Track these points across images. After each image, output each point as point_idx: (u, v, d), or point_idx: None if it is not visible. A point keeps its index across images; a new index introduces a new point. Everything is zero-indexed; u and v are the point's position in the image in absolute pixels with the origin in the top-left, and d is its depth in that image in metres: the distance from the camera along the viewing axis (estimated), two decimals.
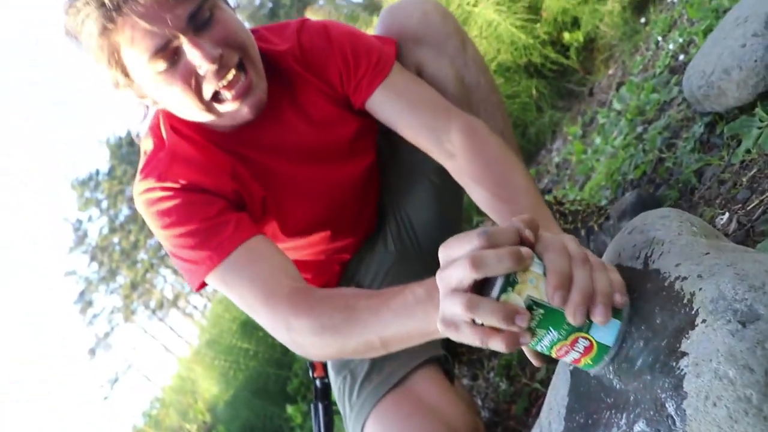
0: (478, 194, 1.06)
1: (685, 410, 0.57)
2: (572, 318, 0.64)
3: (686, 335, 0.60)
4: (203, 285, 1.11)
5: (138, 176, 1.17)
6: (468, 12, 2.76)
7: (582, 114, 2.65)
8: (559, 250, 0.67)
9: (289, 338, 1.01)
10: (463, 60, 1.31)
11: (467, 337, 0.67)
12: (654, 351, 0.63)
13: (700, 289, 0.62)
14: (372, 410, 1.15)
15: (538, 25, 2.78)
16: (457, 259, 0.66)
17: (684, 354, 0.59)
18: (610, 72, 2.66)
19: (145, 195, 1.13)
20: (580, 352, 0.67)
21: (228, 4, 1.11)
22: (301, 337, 0.99)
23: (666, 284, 0.68)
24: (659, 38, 2.21)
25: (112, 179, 27.12)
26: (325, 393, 1.39)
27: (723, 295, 0.59)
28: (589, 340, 0.66)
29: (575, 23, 2.79)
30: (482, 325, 0.66)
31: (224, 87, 1.07)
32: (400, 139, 1.21)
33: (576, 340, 0.66)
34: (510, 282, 0.64)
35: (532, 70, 2.91)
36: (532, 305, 0.64)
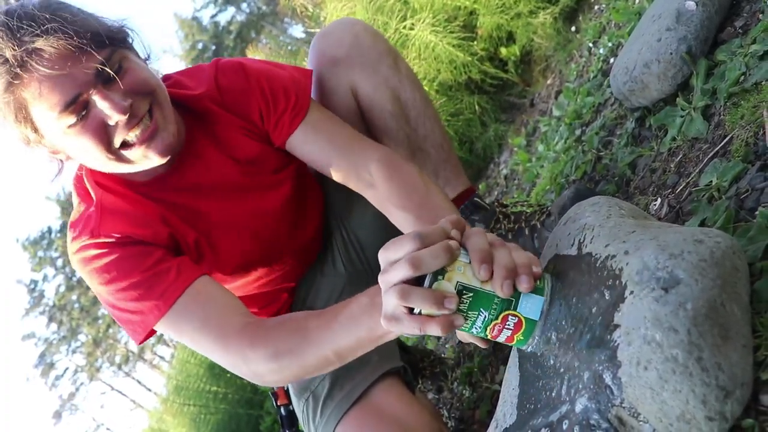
0: (402, 218, 1.11)
1: (620, 378, 0.58)
2: (500, 290, 0.70)
3: (618, 309, 0.62)
4: (147, 337, 1.10)
5: (69, 235, 1.15)
6: (405, 35, 2.80)
7: (525, 125, 2.70)
8: (479, 235, 0.75)
9: (248, 370, 1.02)
10: (397, 78, 1.32)
11: (407, 326, 0.73)
12: (591, 329, 0.65)
13: (627, 263, 0.65)
14: (336, 427, 1.15)
15: (475, 42, 2.84)
16: (397, 261, 0.72)
17: (617, 326, 0.61)
18: (549, 82, 2.73)
19: (80, 254, 1.11)
20: (511, 329, 0.73)
21: (138, 54, 1.09)
22: (259, 366, 1.00)
23: (598, 265, 0.70)
24: (591, 44, 2.28)
25: (65, 236, 26.45)
26: (291, 420, 1.39)
27: (647, 266, 0.62)
28: (517, 317, 0.73)
29: (510, 38, 2.85)
30: (420, 314, 0.72)
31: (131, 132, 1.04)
32: None
33: (506, 318, 0.72)
34: (439, 271, 0.71)
35: (473, 87, 2.97)
36: (462, 290, 0.71)
